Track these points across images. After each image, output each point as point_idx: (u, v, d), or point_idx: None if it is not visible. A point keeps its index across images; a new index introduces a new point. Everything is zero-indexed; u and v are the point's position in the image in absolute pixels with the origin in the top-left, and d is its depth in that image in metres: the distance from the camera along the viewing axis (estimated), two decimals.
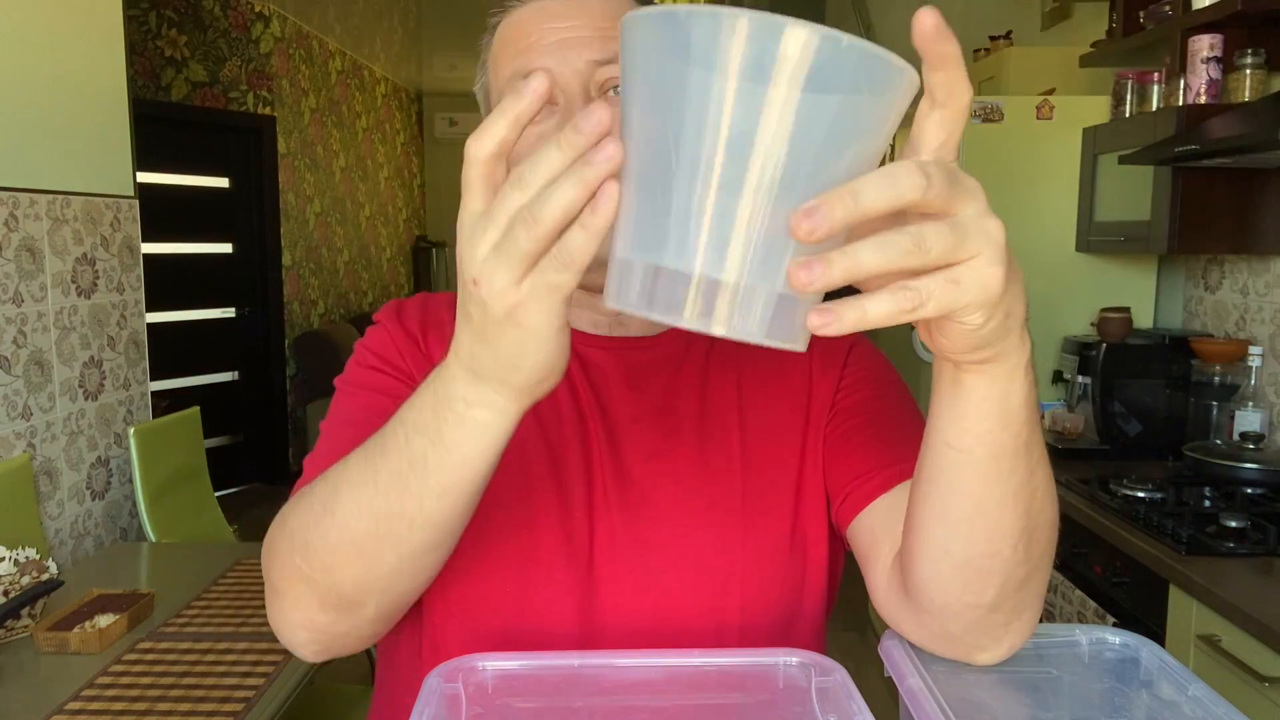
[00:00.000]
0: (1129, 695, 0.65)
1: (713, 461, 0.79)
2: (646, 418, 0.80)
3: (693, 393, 0.82)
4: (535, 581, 0.76)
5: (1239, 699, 1.52)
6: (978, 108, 2.85)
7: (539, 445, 0.78)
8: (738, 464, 0.80)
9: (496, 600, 0.76)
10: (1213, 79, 2.22)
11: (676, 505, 0.78)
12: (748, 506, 0.79)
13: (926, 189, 0.41)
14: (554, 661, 0.63)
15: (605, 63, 0.74)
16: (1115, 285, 2.81)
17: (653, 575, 0.77)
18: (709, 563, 0.77)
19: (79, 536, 2.57)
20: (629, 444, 0.79)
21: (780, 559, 0.79)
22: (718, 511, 0.78)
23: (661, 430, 0.80)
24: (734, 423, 0.81)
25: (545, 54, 0.74)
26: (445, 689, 0.60)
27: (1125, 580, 1.91)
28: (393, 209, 7.77)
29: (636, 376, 0.82)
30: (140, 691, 1.48)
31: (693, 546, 0.77)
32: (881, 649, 0.65)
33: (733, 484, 0.79)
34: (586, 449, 0.79)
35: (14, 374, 2.32)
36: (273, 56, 5.42)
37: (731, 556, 0.77)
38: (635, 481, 0.78)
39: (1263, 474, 2.04)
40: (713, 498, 0.78)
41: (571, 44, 0.74)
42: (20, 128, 2.34)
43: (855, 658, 3.30)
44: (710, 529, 0.78)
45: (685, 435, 0.80)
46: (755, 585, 0.78)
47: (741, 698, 0.65)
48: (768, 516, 0.79)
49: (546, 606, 0.76)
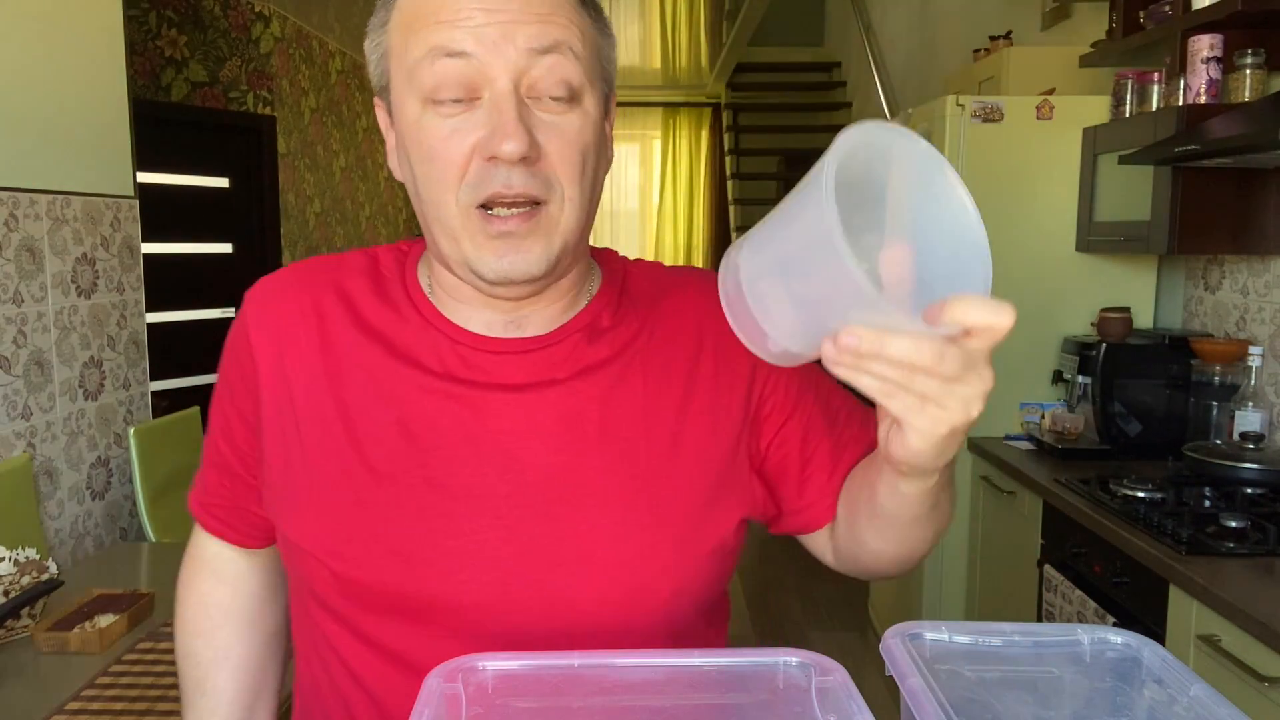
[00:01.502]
0: (1130, 695, 0.65)
1: (616, 464, 0.76)
2: (547, 420, 0.76)
3: (595, 393, 0.77)
4: (438, 590, 0.74)
5: (1239, 699, 1.52)
6: (977, 108, 2.85)
7: (412, 470, 0.74)
8: (642, 466, 0.76)
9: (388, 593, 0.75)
10: (1213, 79, 2.22)
11: (580, 511, 0.74)
12: (655, 511, 0.76)
13: (939, 364, 0.52)
14: (554, 661, 0.63)
15: (542, 51, 0.68)
16: (1115, 285, 2.81)
17: (559, 588, 0.74)
18: (615, 570, 0.74)
19: (79, 536, 2.57)
20: (530, 448, 0.75)
21: (684, 561, 0.76)
22: (621, 516, 0.75)
23: (564, 433, 0.75)
24: (638, 422, 0.77)
25: (472, 37, 0.67)
26: (445, 689, 0.60)
27: (1125, 580, 1.91)
28: (393, 209, 7.77)
29: (534, 377, 0.76)
30: (140, 691, 1.48)
31: (596, 555, 0.74)
32: (883, 648, 0.65)
33: (637, 486, 0.76)
34: (472, 461, 0.74)
35: (14, 374, 2.32)
36: (273, 56, 5.42)
37: (641, 562, 0.75)
38: (538, 486, 0.74)
39: (1263, 474, 2.04)
40: (615, 502, 0.75)
41: (503, 28, 0.67)
42: (20, 128, 2.34)
43: (855, 658, 3.31)
44: (612, 535, 0.75)
45: (588, 438, 0.76)
46: (665, 589, 0.75)
47: (741, 698, 0.64)
48: (672, 520, 0.76)
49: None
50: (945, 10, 4.92)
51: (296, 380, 0.78)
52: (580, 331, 0.78)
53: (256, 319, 0.81)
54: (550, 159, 0.69)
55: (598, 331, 0.79)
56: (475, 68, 0.67)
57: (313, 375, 0.78)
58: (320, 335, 0.79)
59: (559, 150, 0.69)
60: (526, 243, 0.70)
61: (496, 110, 0.67)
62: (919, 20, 5.32)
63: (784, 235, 0.56)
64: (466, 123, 0.68)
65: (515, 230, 0.69)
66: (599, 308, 0.80)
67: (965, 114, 2.85)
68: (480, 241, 0.70)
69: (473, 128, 0.68)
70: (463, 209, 0.69)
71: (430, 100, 0.69)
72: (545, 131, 0.69)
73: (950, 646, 0.67)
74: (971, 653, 0.67)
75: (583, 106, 0.71)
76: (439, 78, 0.68)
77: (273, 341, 0.79)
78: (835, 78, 8.04)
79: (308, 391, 0.78)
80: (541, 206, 0.70)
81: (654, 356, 0.79)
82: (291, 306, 0.80)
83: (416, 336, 0.77)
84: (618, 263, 0.86)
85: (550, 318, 0.78)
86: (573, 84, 0.69)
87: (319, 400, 0.77)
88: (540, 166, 0.69)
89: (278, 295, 0.82)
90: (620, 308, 0.81)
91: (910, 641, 0.66)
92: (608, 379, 0.77)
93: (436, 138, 0.69)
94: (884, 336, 0.51)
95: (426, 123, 0.69)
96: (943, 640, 0.67)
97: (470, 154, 0.68)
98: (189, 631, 0.91)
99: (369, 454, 0.75)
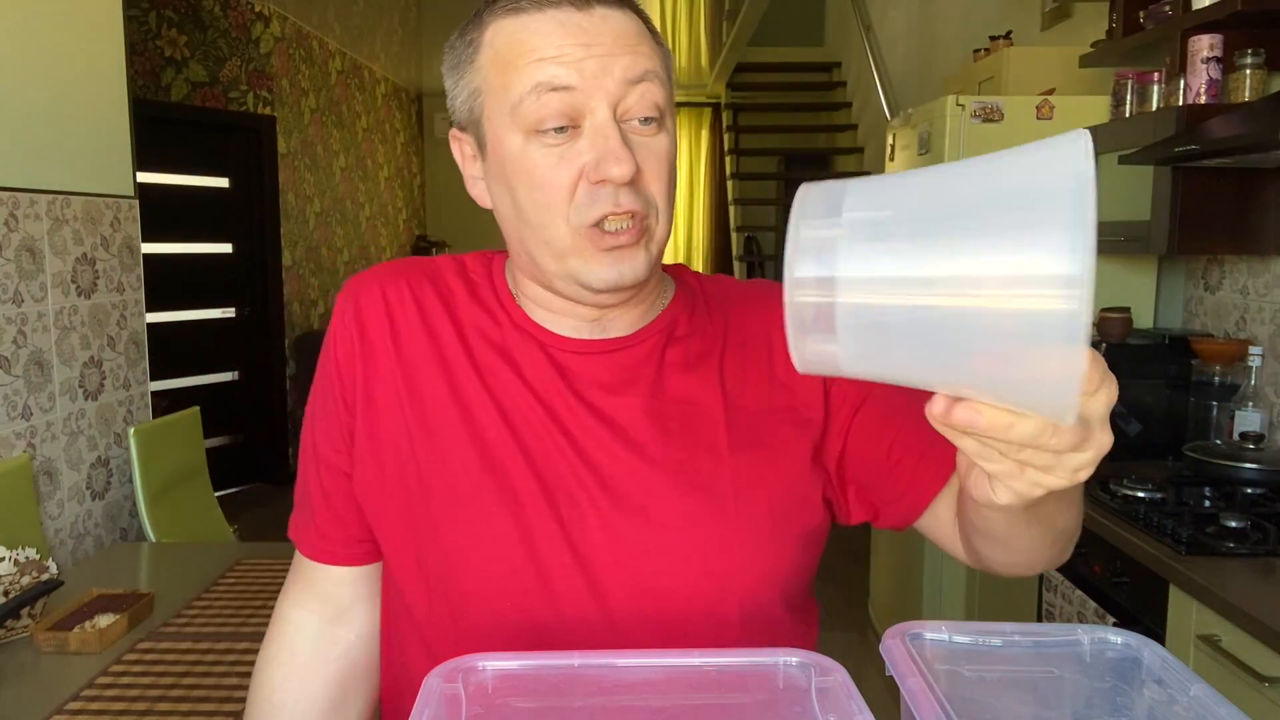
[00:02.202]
0: (1131, 695, 0.65)
1: (699, 458, 0.80)
2: (633, 416, 0.80)
3: (677, 391, 0.82)
4: (532, 584, 0.78)
5: (1239, 699, 1.52)
6: (977, 108, 2.85)
7: (517, 457, 0.79)
8: (726, 459, 0.80)
9: (497, 602, 0.78)
10: (1213, 79, 2.22)
11: (666, 504, 0.78)
12: (740, 500, 0.79)
13: (1054, 438, 0.48)
14: (554, 661, 0.63)
15: (636, 81, 0.73)
16: (1115, 285, 2.81)
17: (649, 577, 0.77)
18: (703, 560, 0.78)
19: (79, 536, 2.57)
20: (615, 443, 0.79)
21: (764, 541, 0.80)
22: (708, 508, 0.79)
23: (648, 428, 0.80)
24: (720, 418, 0.81)
25: (574, 71, 0.72)
26: (445, 689, 0.60)
27: (1125, 580, 1.91)
28: (393, 209, 7.76)
29: (619, 377, 0.82)
30: (140, 691, 1.48)
31: (686, 545, 0.78)
32: (883, 649, 0.65)
33: (722, 479, 0.79)
34: (569, 454, 0.79)
35: (14, 374, 2.32)
36: (273, 56, 5.42)
37: (726, 552, 0.78)
38: (622, 482, 0.78)
39: (1263, 474, 2.04)
40: (702, 494, 0.79)
41: (601, 62, 0.72)
42: (20, 128, 2.34)
43: (855, 658, 3.31)
44: (701, 526, 0.78)
45: (671, 433, 0.80)
46: (752, 576, 0.79)
47: (741, 698, 0.64)
48: (756, 509, 0.80)
49: (553, 602, 0.77)
50: (945, 10, 4.91)
51: (412, 359, 0.82)
52: (660, 333, 0.83)
53: (366, 301, 0.84)
54: (646, 177, 0.75)
55: (675, 334, 0.84)
56: (578, 99, 0.72)
57: (425, 358, 0.82)
58: (423, 324, 0.83)
59: (653, 169, 0.75)
60: (631, 252, 0.75)
61: (602, 138, 0.73)
62: (919, 20, 5.32)
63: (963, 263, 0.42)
64: (570, 150, 0.73)
65: (627, 243, 0.75)
66: (675, 312, 0.86)
67: (965, 114, 2.85)
68: (590, 254, 0.75)
69: (577, 155, 0.73)
70: (574, 229, 0.74)
71: (534, 131, 0.73)
72: (641, 152, 0.74)
73: (950, 646, 0.67)
74: (971, 653, 0.67)
75: (667, 127, 0.77)
76: (545, 110, 0.72)
77: (384, 319, 0.83)
78: (835, 78, 8.04)
79: (422, 372, 0.82)
80: (643, 219, 0.75)
81: (730, 358, 0.84)
82: (394, 293, 0.85)
83: (508, 337, 0.83)
84: (689, 274, 0.91)
85: (632, 320, 0.83)
86: (661, 107, 0.75)
87: (433, 383, 0.81)
88: (640, 183, 0.74)
89: (380, 282, 0.85)
90: (695, 313, 0.86)
91: (910, 641, 0.66)
92: (688, 378, 0.82)
93: (544, 166, 0.74)
94: (1011, 419, 0.46)
95: (532, 152, 0.74)
96: (943, 640, 0.67)
97: (577, 178, 0.73)
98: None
99: (483, 441, 0.79)
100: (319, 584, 0.90)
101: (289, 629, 0.90)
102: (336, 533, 0.88)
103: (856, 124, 7.44)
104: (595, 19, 0.73)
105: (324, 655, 0.90)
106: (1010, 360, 0.42)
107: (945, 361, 0.44)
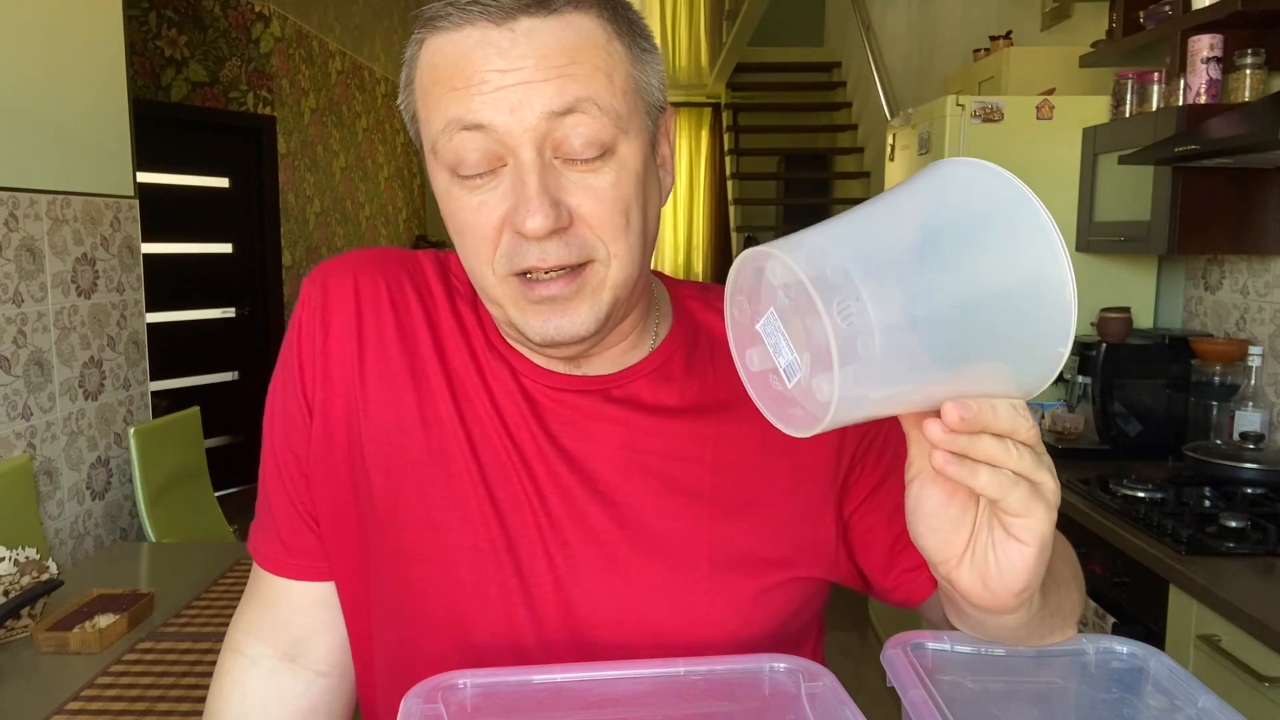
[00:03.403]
0: (1136, 706, 0.64)
1: (677, 522, 0.71)
2: (606, 470, 0.72)
3: (658, 442, 0.73)
4: (484, 639, 0.71)
5: (1239, 699, 1.52)
6: (978, 108, 2.85)
7: (483, 497, 0.71)
8: (705, 525, 0.72)
9: (445, 652, 0.72)
10: (1213, 79, 2.22)
11: (632, 572, 0.71)
12: (718, 572, 0.71)
13: (1029, 430, 0.51)
14: (537, 677, 0.61)
15: (562, 113, 0.62)
16: (1115, 285, 2.81)
17: (611, 650, 0.71)
18: (674, 632, 0.71)
19: (79, 536, 2.57)
20: (583, 498, 0.72)
21: (744, 614, 0.72)
22: (681, 579, 0.71)
23: (623, 484, 0.72)
24: (705, 476, 0.73)
25: (489, 104, 0.62)
26: (425, 710, 0.57)
27: (1125, 580, 1.91)
28: (393, 209, 7.76)
29: (595, 421, 0.73)
30: (140, 691, 1.48)
31: (653, 617, 0.70)
32: (884, 659, 0.63)
33: (698, 548, 0.71)
34: (534, 504, 0.71)
35: (14, 374, 2.32)
36: (273, 56, 5.42)
37: (698, 625, 0.71)
38: (587, 545, 0.71)
39: (1263, 474, 2.04)
40: (676, 562, 0.71)
41: (519, 91, 0.61)
42: (20, 128, 2.34)
43: (855, 657, 3.30)
44: (667, 598, 0.71)
45: (649, 486, 0.72)
46: (731, 649, 0.71)
47: (730, 706, 0.63)
48: (736, 581, 0.72)
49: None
50: (945, 10, 4.91)
51: (379, 366, 0.74)
52: (647, 376, 0.74)
53: (335, 291, 0.75)
54: (587, 220, 0.64)
55: (667, 377, 0.75)
56: (495, 138, 0.63)
57: (396, 368, 0.74)
58: (397, 328, 0.74)
59: (594, 211, 0.64)
60: (572, 304, 0.66)
61: (520, 183, 0.63)
62: (919, 20, 5.31)
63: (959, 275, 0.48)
64: (494, 194, 0.64)
65: (559, 294, 0.65)
66: (671, 350, 0.76)
67: (965, 114, 2.85)
68: (524, 306, 0.66)
69: (500, 199, 0.64)
70: (500, 278, 0.66)
71: (455, 174, 0.65)
72: (579, 194, 0.64)
73: (952, 656, 0.66)
74: (974, 663, 0.66)
75: (618, 157, 0.65)
76: (459, 153, 0.63)
77: (351, 316, 0.74)
78: (835, 78, 8.04)
79: (392, 384, 0.73)
80: (586, 265, 0.65)
81: (729, 413, 0.74)
82: (369, 289, 0.75)
83: (483, 359, 0.74)
84: (696, 305, 0.80)
85: (611, 359, 0.74)
86: (602, 140, 0.63)
87: (401, 398, 0.73)
88: (576, 231, 0.64)
89: (354, 272, 0.76)
90: (694, 356, 0.76)
91: (912, 652, 0.65)
92: (675, 428, 0.73)
93: (466, 210, 0.65)
94: (991, 402, 0.50)
95: (455, 194, 0.66)
96: (945, 650, 0.66)
97: (501, 225, 0.64)
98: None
99: (448, 475, 0.72)
100: (277, 606, 0.80)
101: (241, 663, 0.80)
102: (300, 544, 0.78)
103: (856, 124, 7.44)
104: (517, 36, 0.62)
105: (277, 697, 0.79)
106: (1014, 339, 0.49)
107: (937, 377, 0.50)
